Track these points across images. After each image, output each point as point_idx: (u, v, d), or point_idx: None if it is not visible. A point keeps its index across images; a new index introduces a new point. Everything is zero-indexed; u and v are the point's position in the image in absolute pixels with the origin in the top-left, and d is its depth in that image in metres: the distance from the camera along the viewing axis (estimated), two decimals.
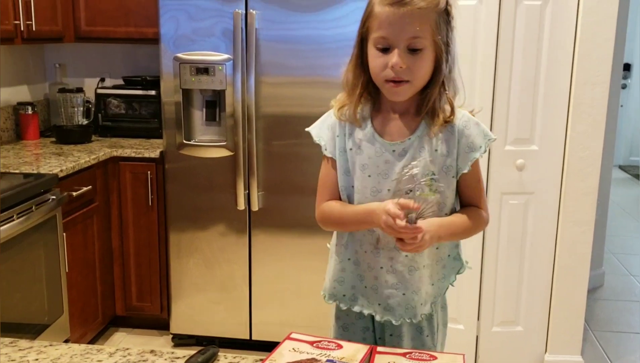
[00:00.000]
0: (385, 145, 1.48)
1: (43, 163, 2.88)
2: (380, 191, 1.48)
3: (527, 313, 3.03)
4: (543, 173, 2.87)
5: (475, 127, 1.50)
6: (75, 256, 2.93)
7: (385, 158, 1.48)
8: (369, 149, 1.49)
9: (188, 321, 3.26)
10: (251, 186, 3.05)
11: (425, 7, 1.36)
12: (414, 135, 1.47)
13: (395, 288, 1.54)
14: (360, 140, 1.50)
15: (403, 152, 1.47)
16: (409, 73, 1.39)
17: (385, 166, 1.48)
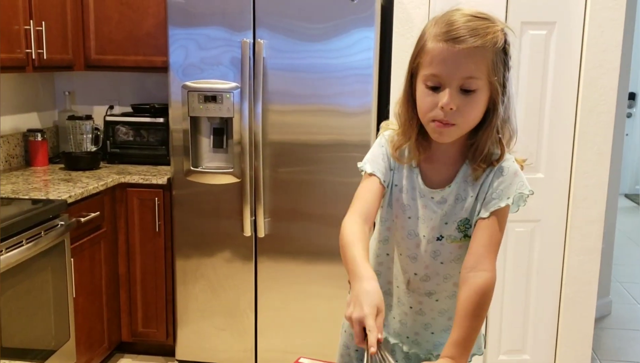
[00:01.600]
0: (425, 192, 1.44)
1: (52, 189, 2.91)
2: (417, 235, 1.46)
3: (534, 341, 3.01)
4: (549, 200, 2.88)
5: (513, 176, 1.38)
6: (82, 281, 2.93)
7: (424, 202, 1.44)
8: (412, 192, 1.45)
9: (194, 347, 3.25)
10: (257, 213, 3.06)
11: (482, 45, 1.26)
12: (454, 182, 1.41)
13: (424, 328, 1.54)
14: (405, 178, 1.45)
15: (442, 200, 1.42)
16: (458, 116, 1.29)
17: (423, 211, 1.44)
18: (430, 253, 1.45)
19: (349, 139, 2.96)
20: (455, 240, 1.43)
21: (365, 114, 2.93)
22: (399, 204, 1.46)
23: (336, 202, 2.97)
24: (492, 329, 3.00)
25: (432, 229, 1.44)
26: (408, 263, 1.48)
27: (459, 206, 1.41)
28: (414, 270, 1.48)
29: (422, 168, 1.44)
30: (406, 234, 1.46)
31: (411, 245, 1.47)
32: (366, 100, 2.92)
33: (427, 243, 1.44)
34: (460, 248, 1.43)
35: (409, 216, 1.46)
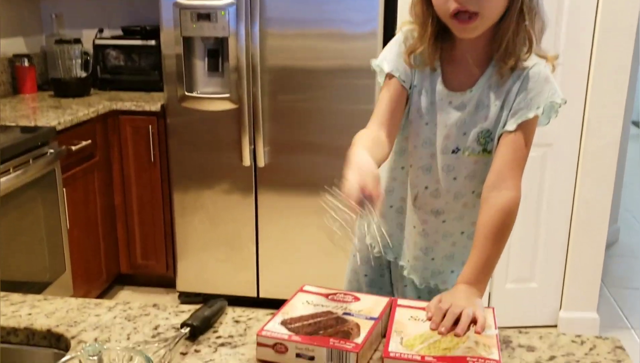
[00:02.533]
0: (443, 95, 1.29)
1: (40, 116, 2.77)
2: (433, 144, 1.32)
3: (542, 269, 2.94)
4: (562, 123, 2.73)
5: (543, 83, 1.25)
6: (76, 213, 2.83)
7: (442, 106, 1.30)
8: (431, 94, 1.30)
9: (195, 279, 3.18)
10: (257, 142, 2.93)
11: None
12: (476, 86, 1.27)
13: (425, 253, 1.43)
14: (425, 79, 1.30)
15: (461, 105, 1.28)
16: (478, 3, 1.15)
17: (440, 118, 1.30)
18: (443, 166, 1.32)
19: (354, 64, 2.79)
20: (473, 153, 1.30)
21: (371, 37, 2.76)
22: (416, 108, 1.33)
23: (340, 131, 2.83)
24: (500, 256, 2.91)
25: (446, 138, 1.31)
26: (419, 176, 1.36)
27: (480, 115, 1.28)
28: (425, 183, 1.36)
29: (445, 69, 1.30)
30: (421, 142, 1.34)
31: (425, 155, 1.34)
32: (372, 21, 2.75)
33: (441, 153, 1.31)
34: (477, 163, 1.30)
35: (426, 122, 1.32)
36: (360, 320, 1.06)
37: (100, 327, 1.12)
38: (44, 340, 1.11)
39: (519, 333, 1.10)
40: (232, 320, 1.15)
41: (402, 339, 1.00)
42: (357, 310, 1.09)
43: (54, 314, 1.15)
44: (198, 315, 1.11)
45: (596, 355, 1.03)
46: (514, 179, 1.25)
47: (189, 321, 1.09)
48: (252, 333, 1.09)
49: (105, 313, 1.17)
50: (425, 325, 1.05)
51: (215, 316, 1.13)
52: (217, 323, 1.13)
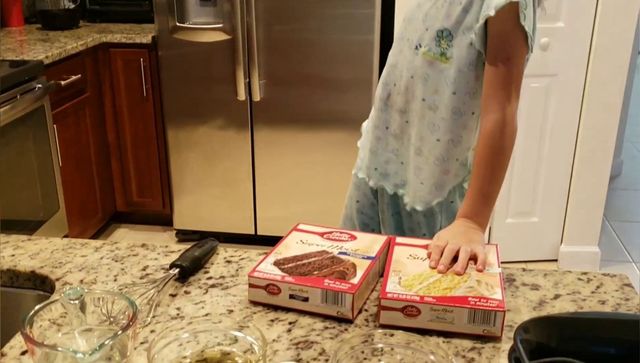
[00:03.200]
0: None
1: (27, 50, 2.67)
2: (402, 39, 1.30)
3: (544, 203, 2.90)
4: (569, 52, 2.65)
5: None
6: (68, 150, 2.77)
7: (419, 0, 1.29)
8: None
9: (191, 216, 3.15)
10: (252, 75, 2.84)
11: None
12: None
13: (395, 154, 1.38)
14: None
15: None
16: None
17: (416, 10, 1.28)
18: (407, 63, 1.28)
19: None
20: (428, 53, 1.24)
21: None
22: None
23: (338, 63, 2.73)
24: (501, 191, 2.86)
25: (415, 32, 1.27)
26: (390, 73, 1.33)
27: (443, 8, 1.22)
28: (394, 80, 1.33)
29: None
30: (398, 38, 1.32)
31: (396, 51, 1.32)
32: None
33: (408, 49, 1.27)
34: (431, 67, 1.24)
35: (403, 17, 1.31)
36: (357, 260, 1.01)
37: (86, 268, 1.07)
38: (28, 281, 1.07)
39: (523, 271, 1.05)
40: (224, 260, 1.11)
41: (401, 279, 0.96)
42: (353, 249, 1.04)
43: (39, 255, 1.11)
44: (188, 255, 1.06)
45: (603, 293, 0.99)
46: (497, 99, 1.18)
47: (178, 261, 1.04)
48: (244, 274, 1.05)
49: (91, 253, 1.12)
50: (425, 264, 1.00)
51: (205, 257, 1.09)
52: (208, 264, 1.09)
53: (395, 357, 0.79)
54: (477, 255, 1.01)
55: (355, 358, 0.78)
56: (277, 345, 0.88)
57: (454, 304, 0.89)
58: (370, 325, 0.93)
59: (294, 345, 0.88)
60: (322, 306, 0.94)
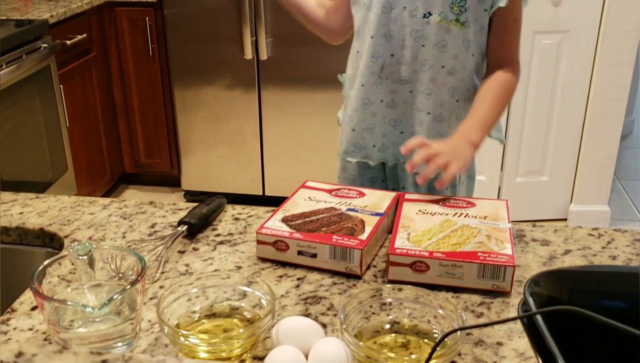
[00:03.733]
0: None
1: (32, 9, 2.65)
2: (394, 7, 1.24)
3: (554, 162, 2.87)
4: (581, 7, 2.59)
5: None
6: (75, 110, 2.76)
7: None
8: None
9: (199, 177, 3.15)
10: (258, 33, 2.80)
11: None
12: None
13: (393, 126, 1.34)
14: None
15: None
16: None
17: None
18: (411, 31, 1.24)
19: None
20: (445, 21, 1.22)
21: None
22: None
23: None
24: (511, 150, 2.85)
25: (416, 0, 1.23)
26: (383, 44, 1.27)
27: None
28: (390, 50, 1.27)
29: None
30: (381, 7, 1.25)
31: (385, 20, 1.25)
32: None
33: (409, 17, 1.23)
34: (448, 33, 1.23)
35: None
36: (365, 216, 1.00)
37: (94, 225, 1.07)
38: (37, 239, 1.07)
39: (533, 227, 1.05)
40: (232, 217, 1.10)
41: (410, 235, 0.95)
42: (361, 206, 1.04)
43: (47, 213, 1.11)
44: (196, 212, 1.06)
45: (614, 248, 0.98)
46: (512, 55, 1.28)
47: (186, 219, 1.04)
48: (252, 231, 1.04)
49: (100, 211, 1.12)
50: (434, 219, 1.00)
51: (213, 214, 1.08)
52: (215, 221, 1.09)
53: (404, 312, 0.79)
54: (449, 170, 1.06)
55: (364, 312, 0.78)
56: (285, 301, 0.88)
57: (463, 259, 0.88)
58: (378, 281, 0.92)
59: (303, 300, 0.88)
60: (331, 262, 0.93)
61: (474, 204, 1.03)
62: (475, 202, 1.04)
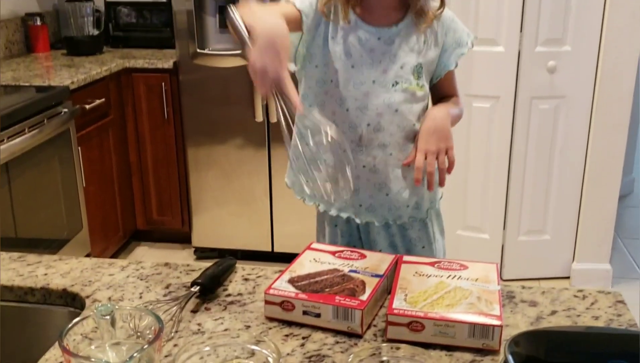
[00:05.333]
0: (370, 31, 1.36)
1: (54, 75, 2.79)
2: (364, 83, 1.36)
3: (555, 221, 2.95)
4: (576, 75, 2.72)
5: (458, 22, 1.43)
6: (92, 170, 2.87)
7: (371, 45, 1.36)
8: (352, 38, 1.36)
9: (210, 234, 3.23)
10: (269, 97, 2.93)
11: None
12: (402, 23, 1.37)
13: (379, 189, 1.44)
14: (342, 28, 1.36)
15: (389, 40, 1.36)
16: None
17: (371, 55, 1.36)
18: (384, 100, 1.37)
19: None
20: (412, 87, 1.38)
21: None
22: (339, 56, 1.37)
23: None
24: (512, 209, 2.93)
25: (384, 73, 1.37)
26: (358, 116, 1.38)
27: (411, 49, 1.37)
28: (366, 120, 1.38)
29: (360, 13, 1.37)
30: (352, 85, 1.37)
31: (359, 95, 1.37)
32: None
33: (381, 87, 1.37)
34: (413, 96, 1.39)
35: (352, 64, 1.36)
36: (366, 278, 1.08)
37: (113, 286, 1.15)
38: (60, 299, 1.15)
39: (522, 289, 1.12)
40: (242, 278, 1.18)
41: (407, 296, 1.03)
42: (362, 267, 1.12)
43: (69, 274, 1.19)
44: (208, 274, 1.14)
45: (597, 309, 1.05)
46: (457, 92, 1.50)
47: (199, 280, 1.12)
48: (261, 291, 1.12)
49: (118, 272, 1.20)
50: (430, 281, 1.07)
51: (224, 275, 1.16)
52: (226, 282, 1.17)
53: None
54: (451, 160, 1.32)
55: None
56: (291, 359, 0.95)
57: (455, 320, 0.96)
58: (378, 339, 1.00)
59: (307, 358, 0.95)
60: (334, 321, 1.01)
61: (467, 267, 1.11)
62: (467, 265, 1.12)
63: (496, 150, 2.84)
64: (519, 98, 2.74)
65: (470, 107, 2.76)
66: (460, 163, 2.80)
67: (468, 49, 1.43)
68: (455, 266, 1.12)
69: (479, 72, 2.72)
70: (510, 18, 2.66)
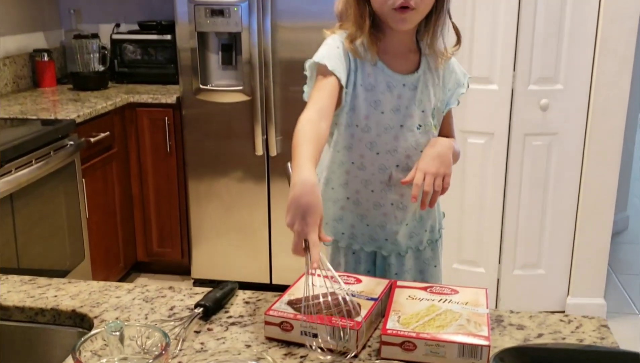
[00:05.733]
0: (396, 79, 1.44)
1: (60, 109, 2.87)
2: (393, 128, 1.44)
3: (550, 256, 3.00)
4: (568, 113, 2.80)
5: (455, 63, 1.53)
6: (95, 202, 2.93)
7: (398, 92, 1.44)
8: (380, 85, 1.44)
9: (209, 266, 3.28)
10: (269, 132, 3.02)
11: None
12: (420, 68, 1.46)
13: (405, 224, 1.54)
14: (369, 75, 1.44)
15: (413, 86, 1.44)
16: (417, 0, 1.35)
17: (398, 102, 1.44)
18: (412, 143, 1.47)
19: None
20: (431, 128, 1.49)
21: None
22: (368, 103, 1.44)
23: None
24: (507, 244, 2.98)
25: (410, 117, 1.45)
26: (388, 158, 1.47)
27: (429, 93, 1.47)
28: (395, 162, 1.47)
29: (383, 59, 1.45)
30: (383, 129, 1.45)
31: (389, 139, 1.46)
32: None
33: (408, 131, 1.45)
34: (428, 135, 1.49)
35: (382, 110, 1.44)
36: (361, 301, 1.13)
37: (120, 307, 1.20)
38: (69, 319, 1.20)
39: (511, 313, 1.17)
40: (243, 301, 1.24)
41: (400, 317, 1.08)
42: (358, 291, 1.17)
43: (78, 296, 1.24)
44: (210, 296, 1.19)
45: (582, 332, 1.10)
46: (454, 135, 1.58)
47: (202, 302, 1.17)
48: (261, 313, 1.17)
49: (125, 295, 1.25)
50: (422, 304, 1.13)
51: (226, 298, 1.22)
52: (228, 304, 1.22)
53: None
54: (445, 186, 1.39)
55: None
56: None
57: (445, 340, 1.01)
58: (372, 359, 1.04)
59: None
60: (330, 342, 1.06)
61: (457, 292, 1.17)
62: (458, 289, 1.17)
63: (491, 185, 2.91)
64: (512, 135, 2.82)
65: (465, 143, 2.83)
66: (456, 197, 2.90)
67: (466, 89, 1.53)
68: (447, 290, 1.17)
69: (474, 109, 2.80)
70: (504, 57, 2.75)
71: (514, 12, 2.69)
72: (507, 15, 2.69)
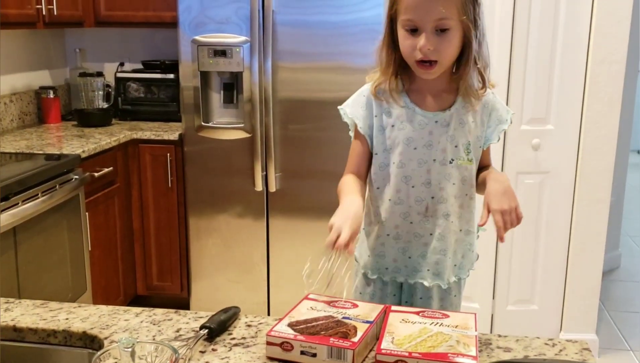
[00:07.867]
0: (428, 116, 1.53)
1: (65, 145, 2.95)
2: (427, 162, 1.54)
3: (542, 292, 3.06)
4: (559, 152, 2.89)
5: (498, 100, 1.60)
6: (97, 235, 3.00)
7: (430, 129, 1.53)
8: (411, 123, 1.54)
9: (208, 300, 3.33)
10: (269, 168, 3.10)
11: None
12: (453, 107, 1.54)
13: (444, 254, 1.61)
14: (399, 115, 1.54)
15: (445, 122, 1.53)
16: (436, 54, 1.43)
17: (430, 137, 1.53)
18: (444, 176, 1.56)
19: None
20: (464, 162, 1.56)
21: None
22: (400, 141, 1.55)
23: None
24: (501, 280, 3.04)
25: (443, 152, 1.54)
26: (423, 191, 1.56)
27: (462, 130, 1.54)
28: (431, 194, 1.57)
29: (414, 98, 1.55)
30: (416, 164, 1.55)
31: (423, 173, 1.55)
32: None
33: (440, 165, 1.55)
34: (466, 170, 1.57)
35: (414, 147, 1.54)
36: (358, 323, 1.20)
37: (129, 329, 1.27)
38: (80, 341, 1.26)
39: (499, 337, 1.24)
40: (245, 324, 1.30)
41: (394, 339, 1.14)
42: (354, 315, 1.24)
43: (88, 319, 1.31)
44: (215, 319, 1.26)
45: (565, 355, 1.17)
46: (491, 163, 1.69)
47: (207, 324, 1.24)
48: (263, 335, 1.24)
49: (133, 318, 1.32)
50: (414, 327, 1.19)
51: (230, 321, 1.29)
52: (231, 327, 1.28)
53: None
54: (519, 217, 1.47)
55: None
56: None
57: (436, 359, 1.07)
58: None
59: None
60: (328, 361, 1.12)
61: (448, 316, 1.23)
62: (449, 314, 1.24)
63: None
64: (505, 173, 2.89)
65: None
66: None
67: (508, 125, 1.60)
68: (438, 315, 1.24)
69: None
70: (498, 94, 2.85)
71: (506, 55, 2.81)
72: (499, 57, 2.80)
